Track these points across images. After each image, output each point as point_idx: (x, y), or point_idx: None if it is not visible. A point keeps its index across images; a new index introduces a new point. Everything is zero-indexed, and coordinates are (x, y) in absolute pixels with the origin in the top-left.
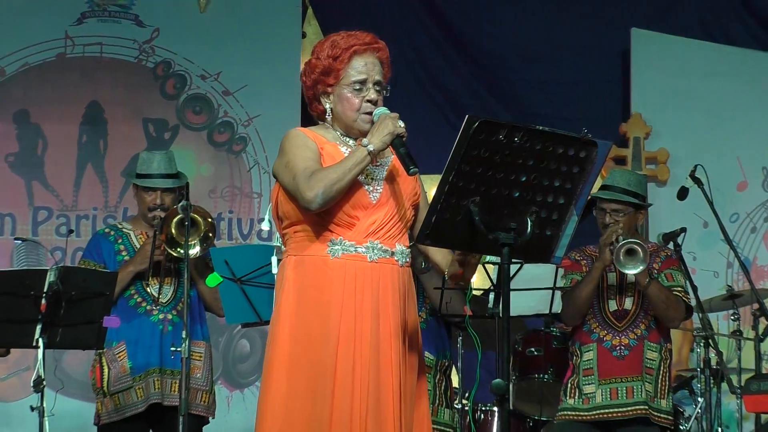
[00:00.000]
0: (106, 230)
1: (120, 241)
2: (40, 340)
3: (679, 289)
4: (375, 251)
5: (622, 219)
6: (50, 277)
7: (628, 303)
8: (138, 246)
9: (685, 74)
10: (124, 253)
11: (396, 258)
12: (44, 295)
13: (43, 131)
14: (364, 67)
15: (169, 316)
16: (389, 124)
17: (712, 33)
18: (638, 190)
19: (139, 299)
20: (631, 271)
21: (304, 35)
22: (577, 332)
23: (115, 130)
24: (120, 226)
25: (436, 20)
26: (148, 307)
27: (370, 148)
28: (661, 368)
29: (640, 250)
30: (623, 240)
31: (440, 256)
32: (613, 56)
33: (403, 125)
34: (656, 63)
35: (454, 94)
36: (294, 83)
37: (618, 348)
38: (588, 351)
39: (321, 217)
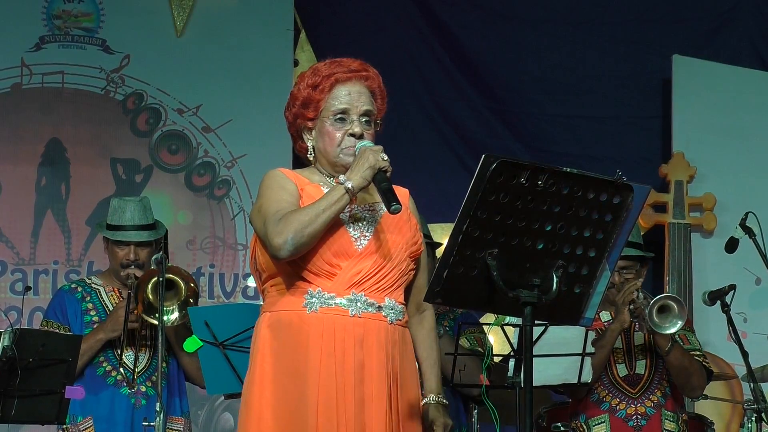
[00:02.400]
0: (72, 286)
1: (88, 298)
2: None
3: (698, 353)
4: (358, 304)
5: (633, 275)
6: (4, 342)
7: (640, 367)
8: (109, 305)
9: (735, 108)
10: (92, 313)
11: (384, 313)
12: None
13: None
14: (347, 96)
15: (143, 389)
16: (370, 157)
17: (765, 60)
18: (640, 240)
19: (108, 368)
20: (671, 330)
21: (296, 63)
22: (580, 404)
23: (79, 171)
24: (88, 282)
25: (448, 47)
26: (119, 378)
27: (348, 185)
28: None
29: (675, 305)
30: (644, 296)
31: (424, 349)
32: (652, 87)
33: (386, 158)
34: (701, 95)
35: (469, 130)
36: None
37: (634, 417)
38: (599, 424)
39: (298, 267)
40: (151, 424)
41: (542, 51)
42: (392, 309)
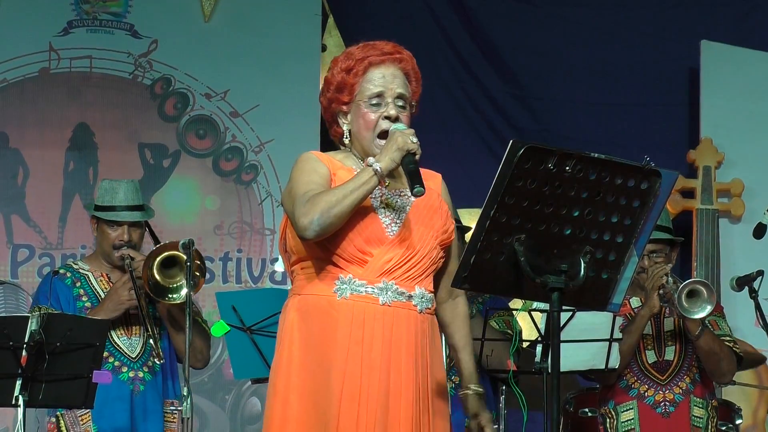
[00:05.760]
0: (61, 271)
1: (78, 284)
2: (20, 397)
3: (728, 338)
4: (389, 293)
5: (663, 259)
6: (32, 326)
7: (669, 353)
8: (99, 290)
9: (764, 93)
10: (84, 299)
11: (414, 302)
12: (25, 346)
13: (24, 158)
14: (381, 79)
15: (141, 374)
16: (399, 139)
17: None
18: (670, 224)
19: (105, 354)
20: (699, 315)
21: (324, 48)
22: (609, 390)
23: (107, 156)
24: (75, 267)
25: (475, 33)
26: (116, 363)
27: (377, 167)
28: (710, 427)
29: (704, 289)
30: (673, 281)
31: (460, 337)
32: (680, 73)
33: (416, 141)
34: (730, 81)
35: (495, 117)
36: (312, 103)
37: (662, 404)
38: (627, 410)
39: (328, 252)
40: (179, 408)
41: (569, 38)
42: (422, 298)
